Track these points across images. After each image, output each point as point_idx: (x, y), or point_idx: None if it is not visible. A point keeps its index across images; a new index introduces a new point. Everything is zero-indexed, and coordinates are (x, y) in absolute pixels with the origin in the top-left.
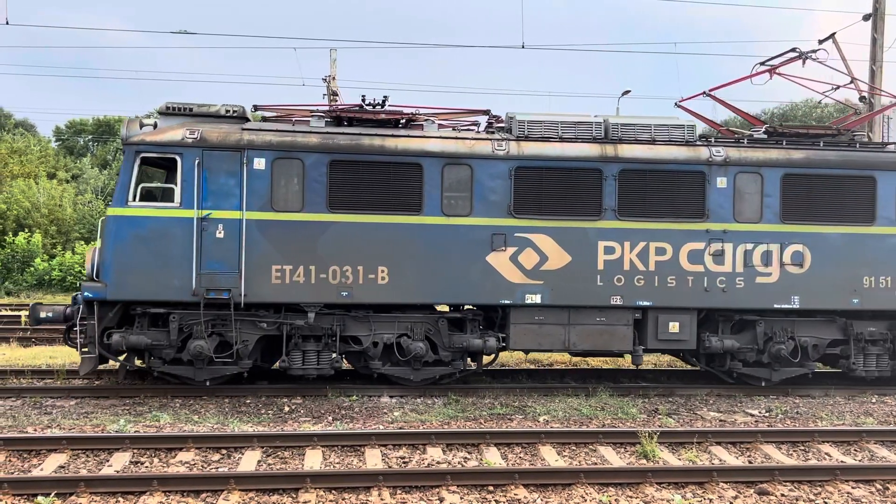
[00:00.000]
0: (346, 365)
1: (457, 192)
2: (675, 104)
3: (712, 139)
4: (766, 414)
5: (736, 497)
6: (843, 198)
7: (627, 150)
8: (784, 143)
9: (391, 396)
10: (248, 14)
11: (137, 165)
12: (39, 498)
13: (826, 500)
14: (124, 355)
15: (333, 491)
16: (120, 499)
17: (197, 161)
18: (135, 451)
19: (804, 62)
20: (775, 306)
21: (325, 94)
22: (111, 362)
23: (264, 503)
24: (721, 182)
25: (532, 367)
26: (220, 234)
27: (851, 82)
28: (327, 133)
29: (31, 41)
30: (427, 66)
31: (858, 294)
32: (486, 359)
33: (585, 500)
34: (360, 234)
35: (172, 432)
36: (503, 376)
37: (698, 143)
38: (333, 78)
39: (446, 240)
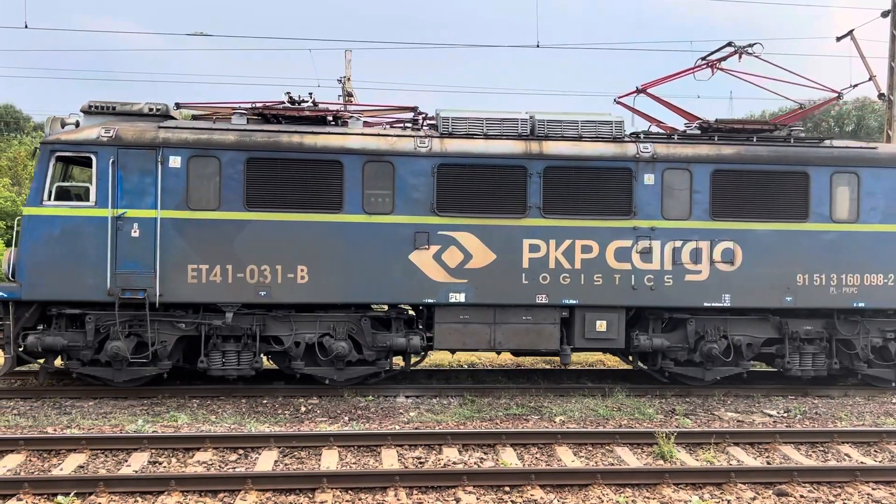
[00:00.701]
0: (270, 365)
1: (378, 190)
2: (615, 100)
3: (641, 135)
4: (785, 414)
5: (754, 498)
6: (775, 194)
7: (553, 147)
8: (716, 138)
9: (407, 397)
10: (265, 15)
11: (52, 164)
12: (59, 497)
13: (846, 502)
14: (44, 358)
15: (350, 491)
16: (138, 498)
17: (112, 160)
18: (153, 451)
19: (740, 57)
20: (705, 304)
21: (340, 95)
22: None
23: (281, 503)
24: (649, 178)
25: (548, 367)
26: (135, 234)
27: (870, 79)
28: (245, 130)
29: (49, 45)
30: (444, 67)
31: (792, 292)
32: (415, 358)
33: (602, 501)
34: (278, 232)
35: (190, 432)
36: (519, 377)
37: (626, 139)
38: (349, 79)
39: (367, 238)
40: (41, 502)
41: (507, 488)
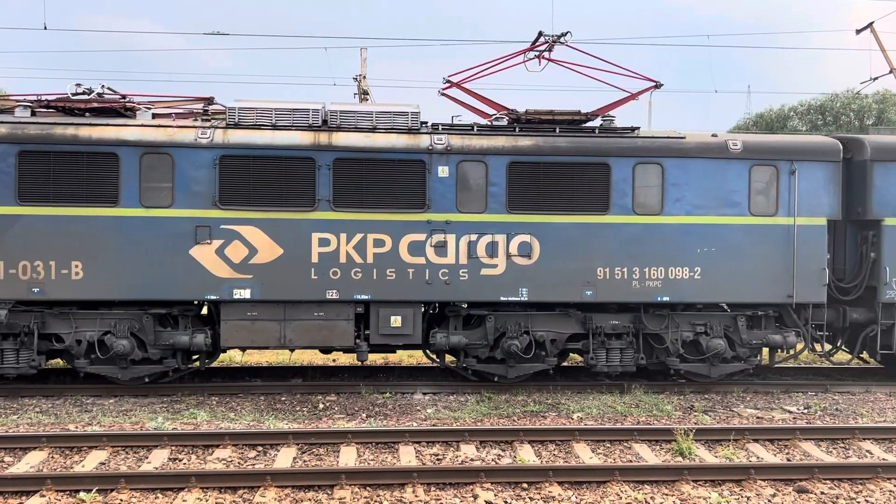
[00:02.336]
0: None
1: (157, 183)
2: (439, 92)
3: (440, 127)
4: (805, 411)
5: (774, 495)
6: (575, 186)
7: (343, 139)
8: (517, 129)
9: (424, 394)
10: (280, 14)
11: None
12: (81, 494)
13: (867, 499)
14: None
15: (368, 487)
16: (159, 495)
17: None
18: (173, 447)
19: (552, 47)
20: (502, 299)
21: (355, 94)
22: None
23: (300, 499)
24: (443, 171)
25: (566, 364)
26: None
27: (890, 72)
28: (16, 123)
29: (69, 46)
30: (459, 64)
31: (592, 286)
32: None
33: (620, 498)
34: (51, 227)
35: (209, 429)
36: (536, 373)
37: (423, 130)
38: (364, 77)
39: (146, 233)
40: (63, 499)
41: (525, 485)
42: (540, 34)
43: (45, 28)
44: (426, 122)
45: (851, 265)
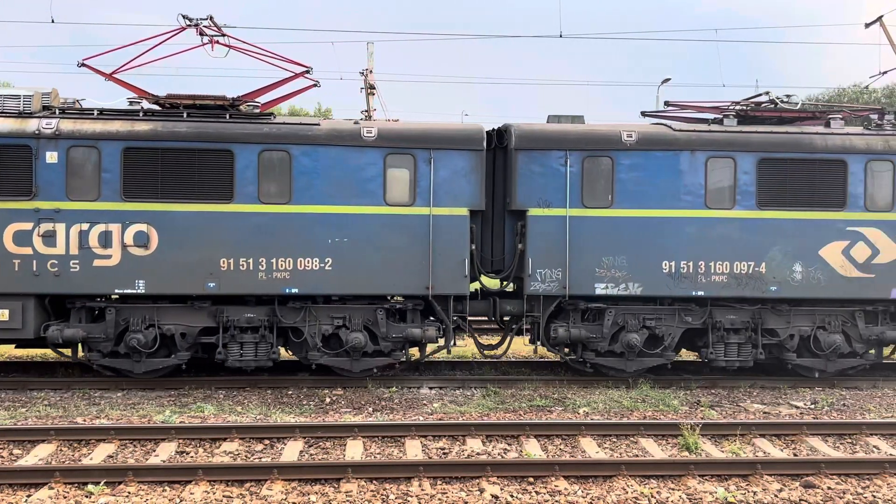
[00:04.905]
0: None
1: None
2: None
3: (57, 110)
4: (812, 406)
5: (781, 490)
6: (197, 173)
7: None
8: (141, 114)
9: (430, 388)
10: (286, 8)
11: None
12: (90, 486)
13: (874, 494)
14: None
15: (375, 481)
16: (167, 487)
17: None
18: (180, 441)
19: (200, 32)
20: (117, 291)
21: (362, 88)
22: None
23: (307, 492)
24: (51, 157)
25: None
26: None
27: None
28: None
29: (76, 41)
30: (466, 59)
31: (216, 277)
32: None
33: (627, 492)
34: None
35: (217, 423)
36: (542, 368)
37: (36, 114)
38: (371, 71)
39: None
40: (72, 491)
41: (532, 479)
42: (185, 17)
43: (53, 21)
44: (54, 108)
45: (509, 256)
